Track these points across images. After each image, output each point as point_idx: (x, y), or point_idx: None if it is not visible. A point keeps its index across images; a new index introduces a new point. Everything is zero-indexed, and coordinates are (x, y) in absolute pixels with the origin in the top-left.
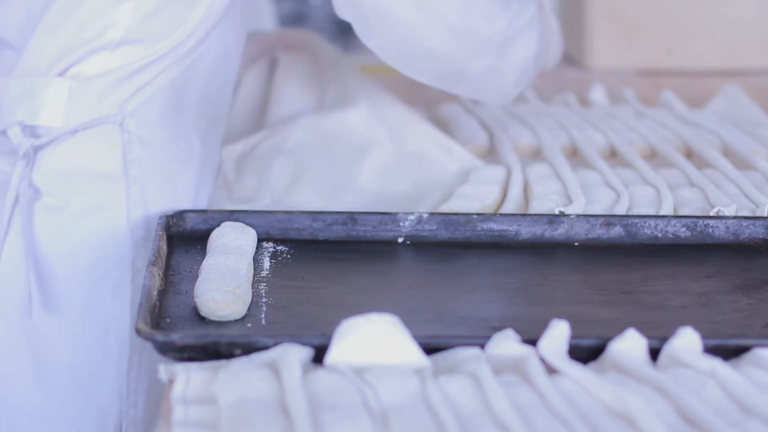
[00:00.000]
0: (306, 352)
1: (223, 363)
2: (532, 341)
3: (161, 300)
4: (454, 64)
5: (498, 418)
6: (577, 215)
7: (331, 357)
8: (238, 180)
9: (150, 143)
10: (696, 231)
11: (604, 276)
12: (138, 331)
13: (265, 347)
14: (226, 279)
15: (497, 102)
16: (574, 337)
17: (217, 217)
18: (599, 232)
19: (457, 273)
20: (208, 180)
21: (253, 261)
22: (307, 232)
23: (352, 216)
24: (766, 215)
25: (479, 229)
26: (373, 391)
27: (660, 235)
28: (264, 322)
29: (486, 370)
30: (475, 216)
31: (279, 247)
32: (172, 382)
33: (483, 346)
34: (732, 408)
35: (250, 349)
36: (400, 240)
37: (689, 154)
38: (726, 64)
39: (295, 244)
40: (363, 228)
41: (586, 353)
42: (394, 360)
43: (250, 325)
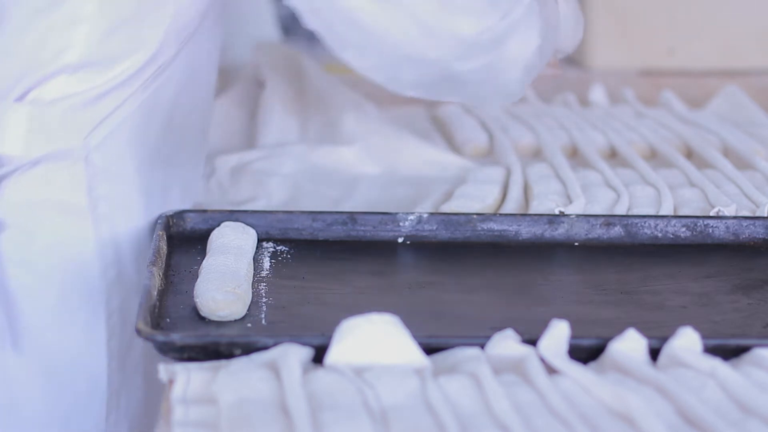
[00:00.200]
0: (306, 352)
1: (223, 363)
2: (532, 341)
3: (161, 300)
4: (441, 69)
5: (498, 418)
6: (577, 215)
7: (331, 357)
8: (234, 185)
9: (117, 177)
10: (696, 231)
11: (604, 276)
12: (138, 331)
13: (265, 347)
14: (226, 279)
15: (504, 103)
16: (574, 337)
17: (217, 217)
18: (599, 232)
19: (457, 273)
20: (185, 203)
21: (253, 261)
22: (307, 232)
23: (352, 216)
24: (766, 215)
25: (479, 229)
26: (373, 391)
27: (660, 235)
28: (264, 322)
29: (486, 370)
30: (475, 216)
31: (279, 247)
32: (172, 382)
33: (483, 346)
34: (732, 408)
35: (250, 349)
36: (400, 240)
37: (689, 154)
38: (726, 64)
39: (295, 244)
40: (363, 228)
41: (586, 353)
42: (394, 360)
43: (250, 325)
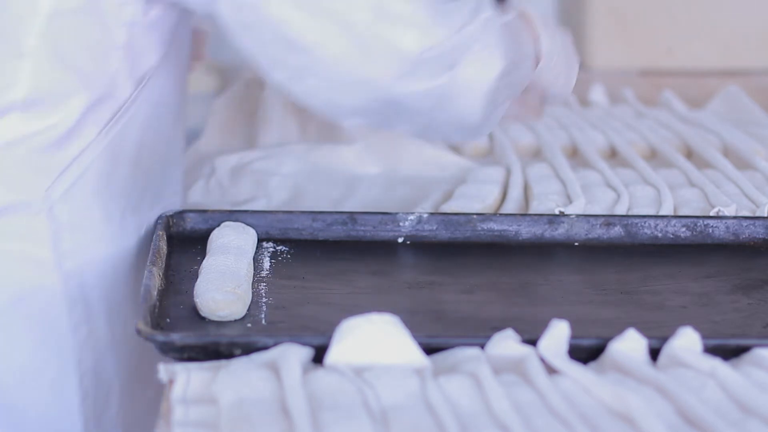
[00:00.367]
0: (306, 352)
1: (223, 363)
2: (532, 341)
3: (161, 300)
4: (383, 92)
5: (498, 418)
6: (577, 215)
7: (331, 357)
8: (234, 185)
9: (83, 230)
10: (696, 231)
11: (604, 276)
12: (138, 331)
13: (265, 347)
14: (226, 279)
15: (465, 138)
16: (574, 337)
17: (217, 217)
18: (599, 232)
19: (457, 273)
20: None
21: (253, 261)
22: (307, 232)
23: (352, 216)
24: (766, 215)
25: (479, 229)
26: (373, 391)
27: (660, 235)
28: (264, 322)
29: (486, 370)
30: (475, 216)
31: (279, 247)
32: (172, 382)
33: (483, 346)
34: (732, 408)
35: (250, 349)
36: (400, 240)
37: (689, 154)
38: (726, 64)
39: (295, 244)
40: (363, 228)
41: (586, 353)
42: (394, 360)
43: (250, 325)
